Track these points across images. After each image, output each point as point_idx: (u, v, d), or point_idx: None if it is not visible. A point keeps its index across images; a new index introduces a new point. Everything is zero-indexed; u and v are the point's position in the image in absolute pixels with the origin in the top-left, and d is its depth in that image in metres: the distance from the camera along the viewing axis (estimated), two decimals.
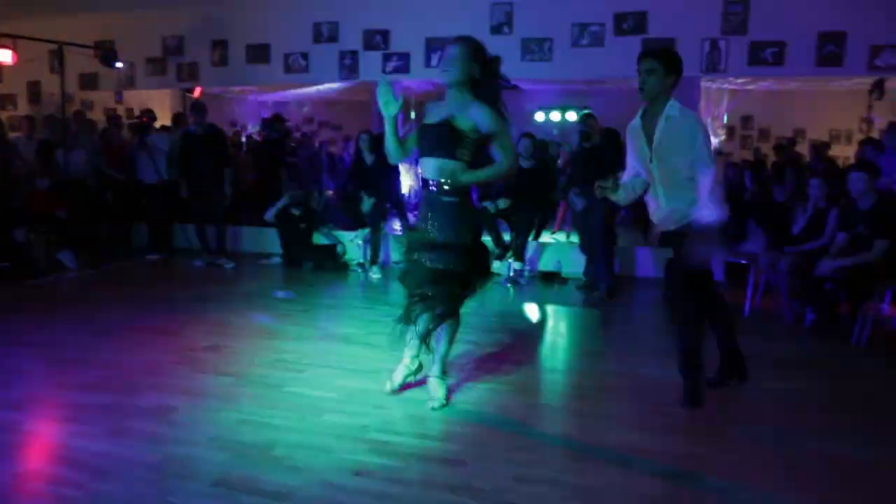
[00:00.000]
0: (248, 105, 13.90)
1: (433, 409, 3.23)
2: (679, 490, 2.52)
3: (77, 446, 2.81)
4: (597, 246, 6.18)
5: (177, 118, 8.55)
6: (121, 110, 9.89)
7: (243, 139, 10.98)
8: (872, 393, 3.65)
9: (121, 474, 2.57)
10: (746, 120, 12.28)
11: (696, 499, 2.48)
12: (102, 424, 2.99)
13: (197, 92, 8.53)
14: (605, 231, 6.16)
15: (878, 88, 7.02)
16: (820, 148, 10.19)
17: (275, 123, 8.77)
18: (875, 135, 8.31)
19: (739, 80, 9.59)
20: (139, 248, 7.69)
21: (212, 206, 7.08)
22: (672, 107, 3.19)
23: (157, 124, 8.44)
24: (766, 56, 6.44)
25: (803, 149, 11.01)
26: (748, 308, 5.48)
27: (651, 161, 3.26)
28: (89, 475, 2.56)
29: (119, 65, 7.92)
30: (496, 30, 7.09)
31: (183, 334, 4.46)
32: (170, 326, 4.64)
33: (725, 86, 9.77)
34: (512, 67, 7.09)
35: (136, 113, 9.01)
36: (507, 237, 6.81)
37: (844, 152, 11.43)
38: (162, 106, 9.41)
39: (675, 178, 3.22)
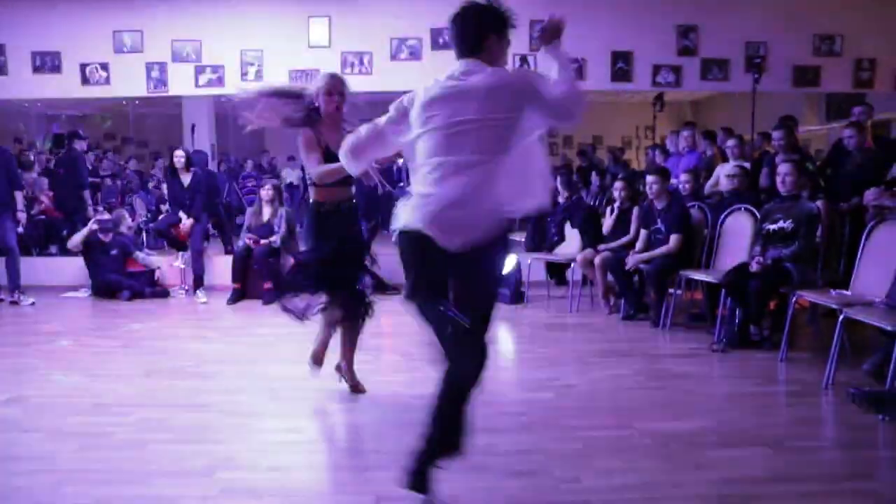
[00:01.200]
0: (35, 119, 12.43)
1: None
2: (538, 486, 2.65)
3: None
4: None
5: None
6: None
7: (32, 158, 9.76)
8: (678, 370, 4.12)
9: None
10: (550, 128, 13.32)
11: (553, 492, 2.62)
12: None
13: None
14: None
15: (660, 101, 7.99)
16: (616, 153, 11.38)
17: (76, 139, 7.89)
18: (658, 141, 9.45)
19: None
20: None
21: (1, 236, 6.21)
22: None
23: None
24: None
25: (603, 154, 12.21)
26: (570, 304, 5.95)
27: None
28: None
29: None
30: (315, 43, 7.00)
31: None
32: None
33: None
34: None
35: None
36: None
37: (635, 156, 12.89)
38: None
39: None
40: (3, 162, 6.28)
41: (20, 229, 6.55)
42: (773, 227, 4.53)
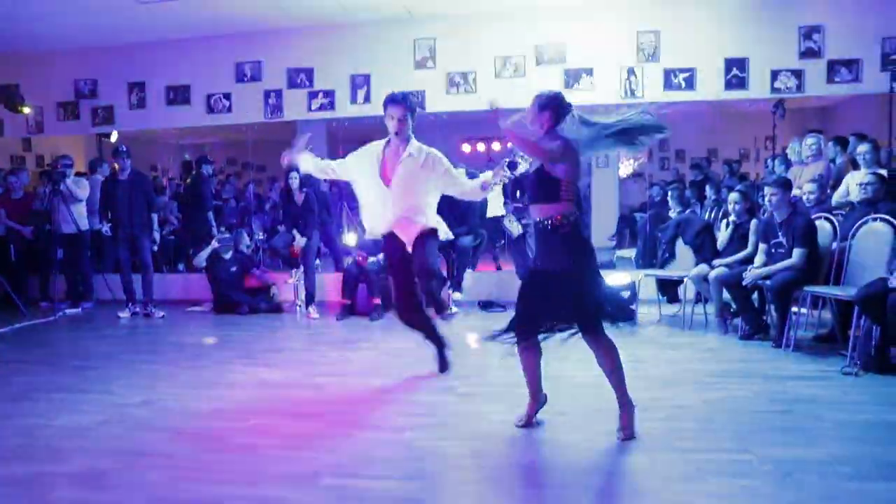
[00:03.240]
0: (168, 148, 13.52)
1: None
2: None
3: None
4: None
5: (94, 164, 8.17)
6: (30, 158, 9.39)
7: (164, 183, 10.64)
8: (805, 394, 3.78)
9: None
10: (663, 142, 12.86)
11: None
12: (25, 497, 2.73)
13: (114, 136, 8.20)
14: None
15: (780, 107, 7.47)
16: (733, 165, 10.81)
17: (203, 164, 8.48)
18: (778, 151, 8.85)
19: (653, 105, 10.03)
20: (55, 302, 7.20)
21: (139, 254, 6.78)
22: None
23: (72, 171, 8.06)
24: (678, 82, 6.78)
25: (718, 167, 11.61)
26: (683, 323, 5.67)
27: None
28: None
29: (27, 110, 7.53)
30: (420, 64, 7.18)
31: (111, 391, 4.18)
32: (95, 384, 4.35)
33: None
34: (437, 100, 7.27)
35: (48, 160, 8.58)
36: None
37: (755, 168, 12.16)
38: (75, 151, 8.98)
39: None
40: (143, 187, 6.85)
41: (155, 248, 7.10)
42: None
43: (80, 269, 7.39)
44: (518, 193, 6.34)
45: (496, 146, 12.18)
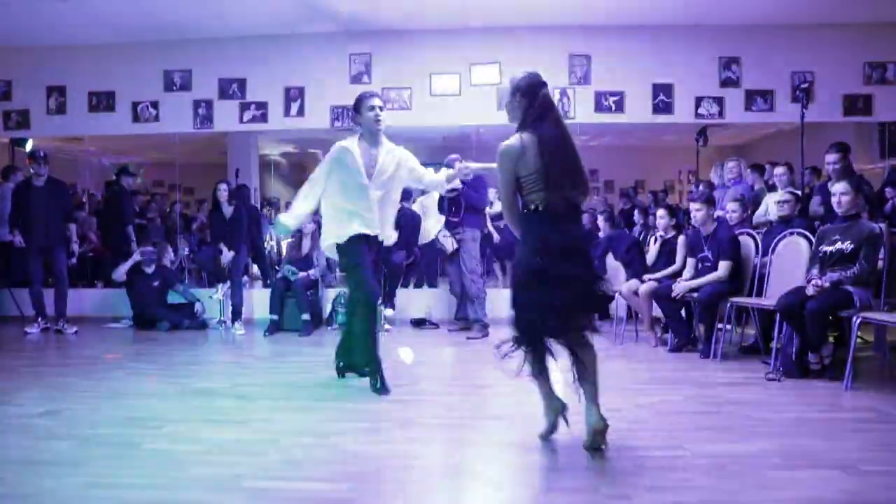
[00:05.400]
0: (89, 166, 12.91)
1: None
2: (586, 501, 2.46)
3: None
4: (466, 287, 6.23)
5: (6, 171, 7.66)
6: None
7: (84, 199, 10.10)
8: (732, 397, 3.86)
9: None
10: (593, 173, 13.25)
11: None
12: None
13: (29, 144, 7.74)
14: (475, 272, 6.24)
15: (703, 136, 7.82)
16: (659, 194, 11.21)
17: (124, 175, 8.06)
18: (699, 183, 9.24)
19: (584, 137, 10.34)
20: None
21: (53, 266, 6.34)
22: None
23: None
24: (608, 104, 7.00)
25: (644, 197, 12.03)
26: (614, 338, 5.74)
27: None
28: None
29: None
30: (356, 79, 7.14)
31: (11, 402, 3.84)
32: None
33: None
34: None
35: None
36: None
37: (678, 199, 12.67)
38: None
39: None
40: (60, 195, 6.45)
41: (73, 261, 6.67)
42: (830, 248, 4.30)
43: None
44: (452, 209, 6.32)
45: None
